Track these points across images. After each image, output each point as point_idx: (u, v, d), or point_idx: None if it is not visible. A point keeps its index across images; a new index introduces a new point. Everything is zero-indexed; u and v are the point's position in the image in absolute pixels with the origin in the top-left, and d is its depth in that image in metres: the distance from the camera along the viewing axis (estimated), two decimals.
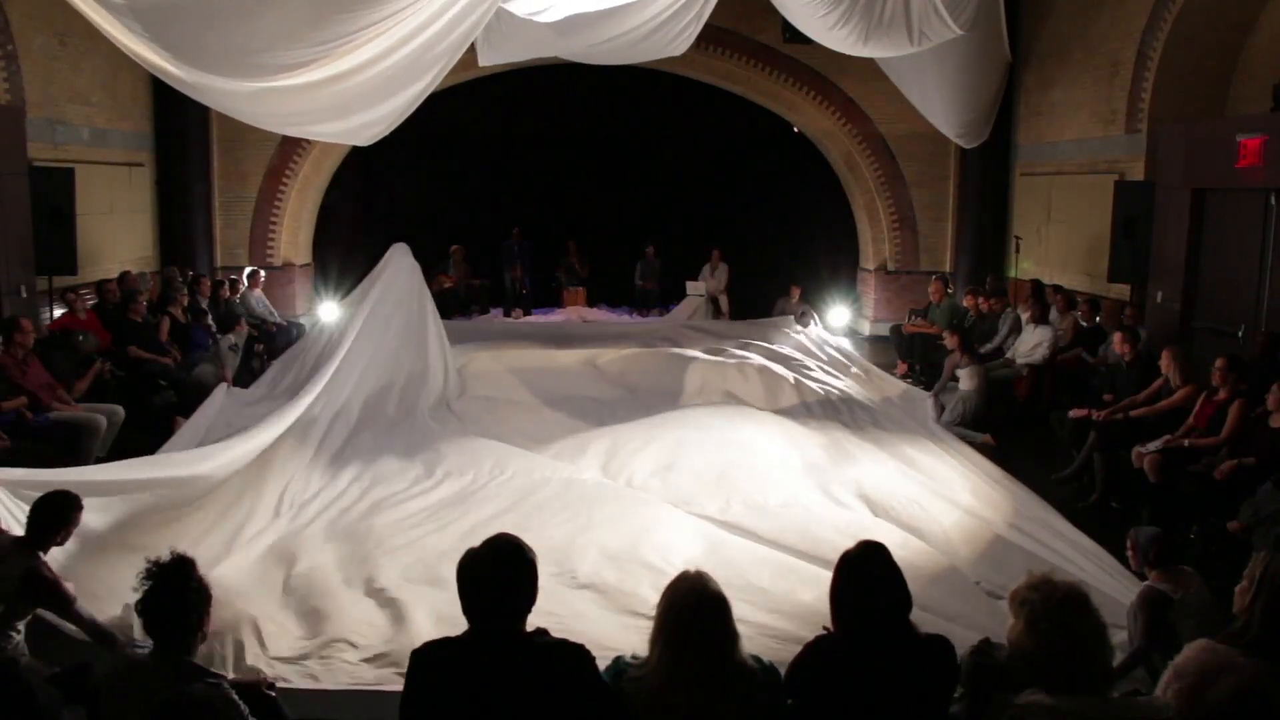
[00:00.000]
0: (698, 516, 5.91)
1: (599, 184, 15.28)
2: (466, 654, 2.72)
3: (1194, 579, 4.04)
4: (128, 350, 8.62)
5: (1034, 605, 2.63)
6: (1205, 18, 8.82)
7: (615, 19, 7.85)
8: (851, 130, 13.42)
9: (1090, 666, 2.56)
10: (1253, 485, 5.37)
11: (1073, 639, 2.56)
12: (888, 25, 8.40)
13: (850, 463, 6.98)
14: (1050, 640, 2.57)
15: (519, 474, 6.58)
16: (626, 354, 10.06)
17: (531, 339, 10.85)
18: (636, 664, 2.88)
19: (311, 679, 4.16)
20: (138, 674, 2.89)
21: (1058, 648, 2.56)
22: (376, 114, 7.02)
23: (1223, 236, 7.96)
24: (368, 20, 5.79)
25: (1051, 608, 2.60)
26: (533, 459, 6.90)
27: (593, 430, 7.55)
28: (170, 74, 5.83)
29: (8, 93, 8.62)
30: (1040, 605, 2.61)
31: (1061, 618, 2.57)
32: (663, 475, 6.61)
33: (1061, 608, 2.59)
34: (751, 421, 7.74)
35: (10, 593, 3.68)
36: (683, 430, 7.38)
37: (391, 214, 14.85)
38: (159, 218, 12.01)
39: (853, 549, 3.00)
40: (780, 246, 14.80)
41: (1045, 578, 2.71)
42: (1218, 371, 6.25)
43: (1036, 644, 2.60)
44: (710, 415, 7.88)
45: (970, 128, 11.78)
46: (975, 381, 8.45)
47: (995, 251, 12.83)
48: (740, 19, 12.41)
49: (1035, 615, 2.61)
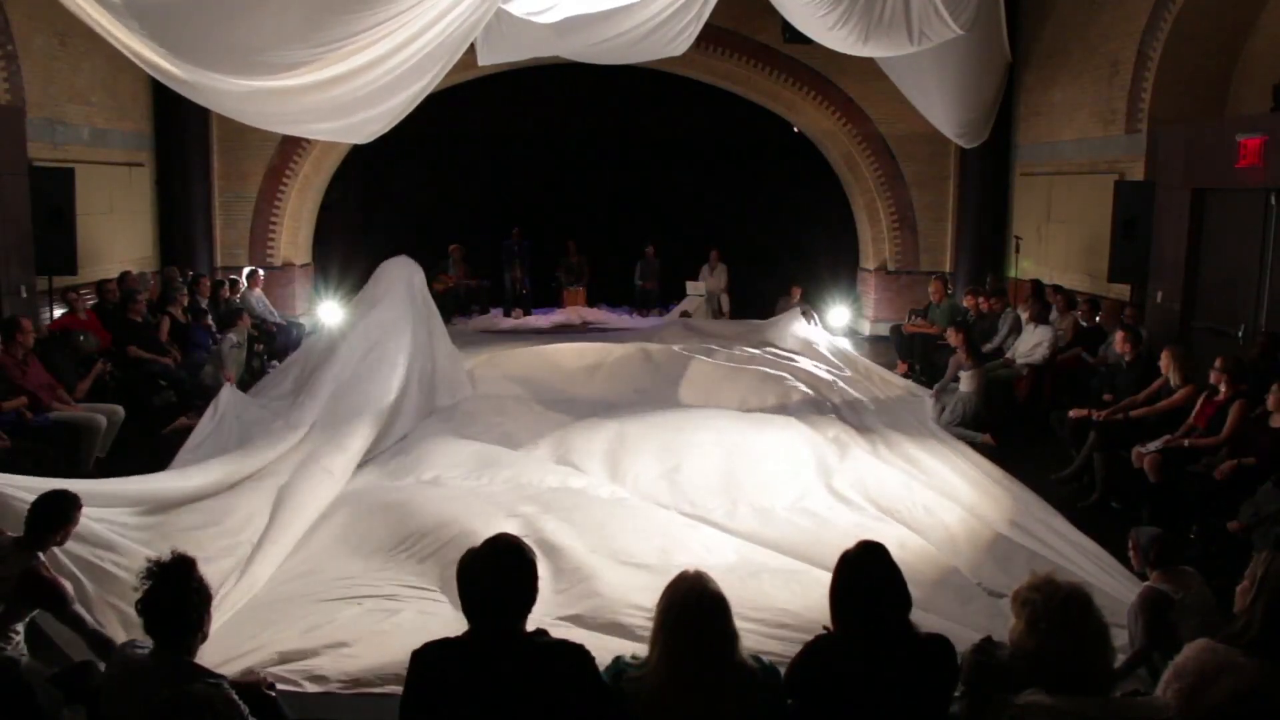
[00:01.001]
0: (707, 522, 5.86)
1: (599, 184, 15.27)
2: (466, 654, 2.72)
3: (1195, 579, 4.04)
4: (128, 350, 8.63)
5: (1036, 605, 2.62)
6: (1205, 18, 8.82)
7: (615, 19, 7.85)
8: (851, 130, 13.42)
9: (1091, 668, 2.55)
10: (1253, 485, 5.37)
11: (1074, 640, 2.56)
12: (888, 25, 8.40)
13: (855, 463, 6.98)
14: (1051, 641, 2.57)
15: (528, 477, 6.57)
16: (631, 355, 10.05)
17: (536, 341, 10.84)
18: (636, 664, 2.88)
19: (312, 679, 4.16)
20: (138, 674, 2.89)
21: (1059, 648, 2.56)
22: (376, 112, 7.02)
23: (1223, 236, 7.96)
24: (368, 22, 5.79)
25: (1053, 608, 2.59)
26: (544, 465, 6.86)
27: (598, 433, 7.48)
28: (169, 74, 5.82)
29: (8, 93, 8.62)
30: (1042, 605, 2.61)
31: (1063, 619, 2.57)
32: (670, 478, 6.58)
33: (1064, 609, 2.59)
34: (755, 423, 7.72)
35: (9, 593, 3.67)
36: (688, 432, 7.36)
37: (391, 214, 14.85)
38: (159, 218, 12.01)
39: (852, 549, 3.00)
40: (780, 246, 14.79)
41: (1048, 578, 2.71)
42: (1217, 371, 6.25)
43: (1038, 644, 2.60)
44: (715, 417, 7.86)
45: (970, 128, 11.78)
46: (975, 383, 8.45)
47: (995, 251, 12.84)
48: (740, 19, 12.41)
49: (1037, 615, 2.61)
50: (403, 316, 8.44)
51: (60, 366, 7.46)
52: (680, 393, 9.03)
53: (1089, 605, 2.62)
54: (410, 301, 8.65)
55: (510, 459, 6.93)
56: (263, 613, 4.71)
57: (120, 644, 3.09)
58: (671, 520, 5.89)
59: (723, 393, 8.90)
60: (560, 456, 7.05)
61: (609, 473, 6.76)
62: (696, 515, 6.02)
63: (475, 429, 7.73)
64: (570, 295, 14.97)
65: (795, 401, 8.82)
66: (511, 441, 7.39)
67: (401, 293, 8.63)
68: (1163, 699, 2.79)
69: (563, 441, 7.31)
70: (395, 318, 8.38)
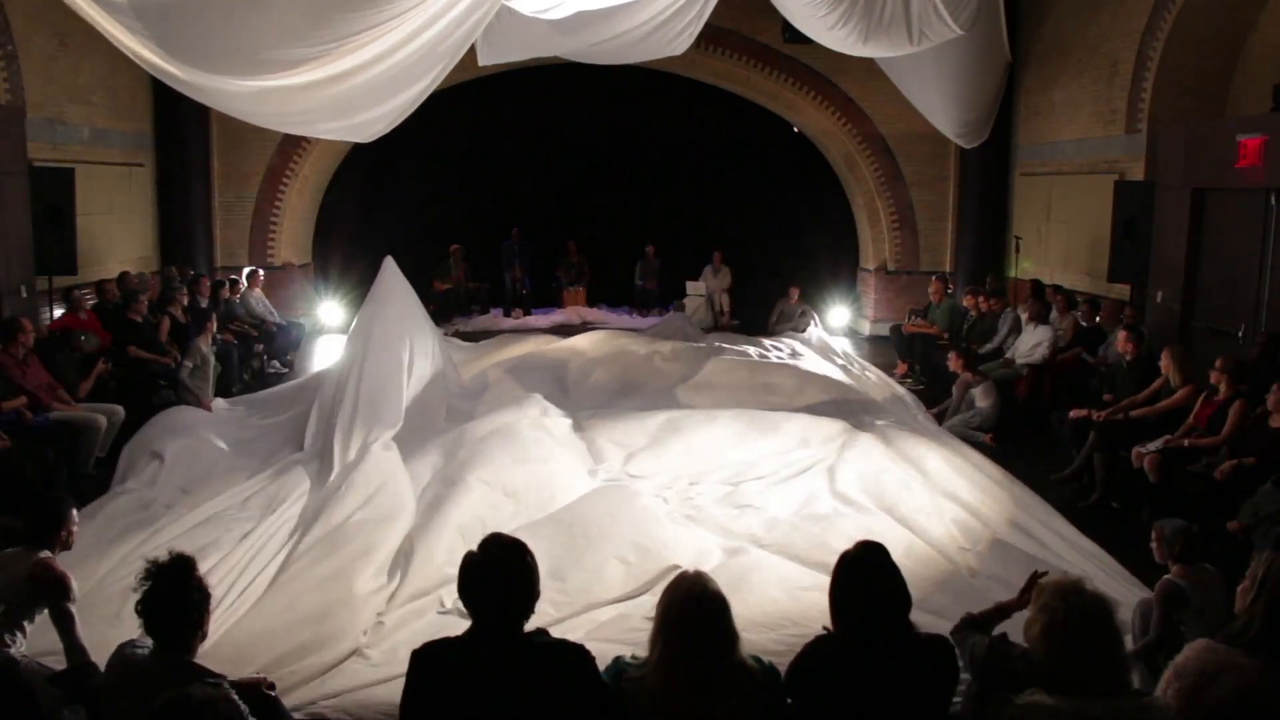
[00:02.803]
0: (711, 530, 5.82)
1: (599, 184, 15.27)
2: (466, 654, 2.72)
3: (1215, 578, 4.01)
4: (128, 350, 8.63)
5: (1056, 612, 2.57)
6: (1205, 18, 8.82)
7: (616, 18, 7.85)
8: (851, 130, 13.42)
9: (1101, 677, 2.52)
10: (1253, 485, 5.37)
11: (1088, 652, 2.52)
12: (888, 25, 8.39)
13: (858, 463, 6.96)
14: (1066, 650, 2.53)
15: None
16: (632, 356, 10.03)
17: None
18: (636, 664, 2.88)
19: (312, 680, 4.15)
20: (138, 674, 2.89)
21: (1072, 658, 2.52)
22: (378, 112, 7.02)
23: (1223, 236, 7.96)
24: (368, 21, 5.78)
25: (1073, 620, 2.54)
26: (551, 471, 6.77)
27: (601, 436, 7.42)
28: (169, 73, 5.82)
29: (8, 93, 8.62)
30: (1063, 614, 2.56)
31: (1081, 631, 2.53)
32: (675, 484, 6.57)
33: (1083, 621, 2.54)
34: (757, 424, 7.66)
35: (18, 594, 3.66)
36: (692, 435, 7.32)
37: (391, 214, 14.84)
38: (159, 218, 12.01)
39: (852, 549, 3.01)
40: (780, 246, 14.80)
41: (1076, 584, 2.65)
42: (1217, 371, 6.25)
43: (1053, 651, 2.57)
44: (718, 419, 7.77)
45: (970, 128, 11.78)
46: (992, 398, 8.42)
47: (995, 251, 12.84)
48: (740, 19, 12.41)
49: (1055, 623, 2.56)
50: (401, 319, 8.43)
51: (60, 366, 7.46)
52: (683, 395, 8.98)
53: (1109, 618, 2.57)
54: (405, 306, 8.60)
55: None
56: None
57: (120, 644, 3.08)
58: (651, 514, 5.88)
59: (727, 395, 8.84)
60: (563, 461, 6.87)
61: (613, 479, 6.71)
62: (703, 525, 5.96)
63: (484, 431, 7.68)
64: (570, 295, 14.98)
65: (800, 402, 8.76)
66: (520, 442, 7.35)
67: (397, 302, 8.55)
68: (1163, 699, 2.79)
69: (568, 446, 7.18)
70: (396, 323, 8.34)
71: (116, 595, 4.67)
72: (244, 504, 6.18)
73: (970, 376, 8.59)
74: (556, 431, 7.32)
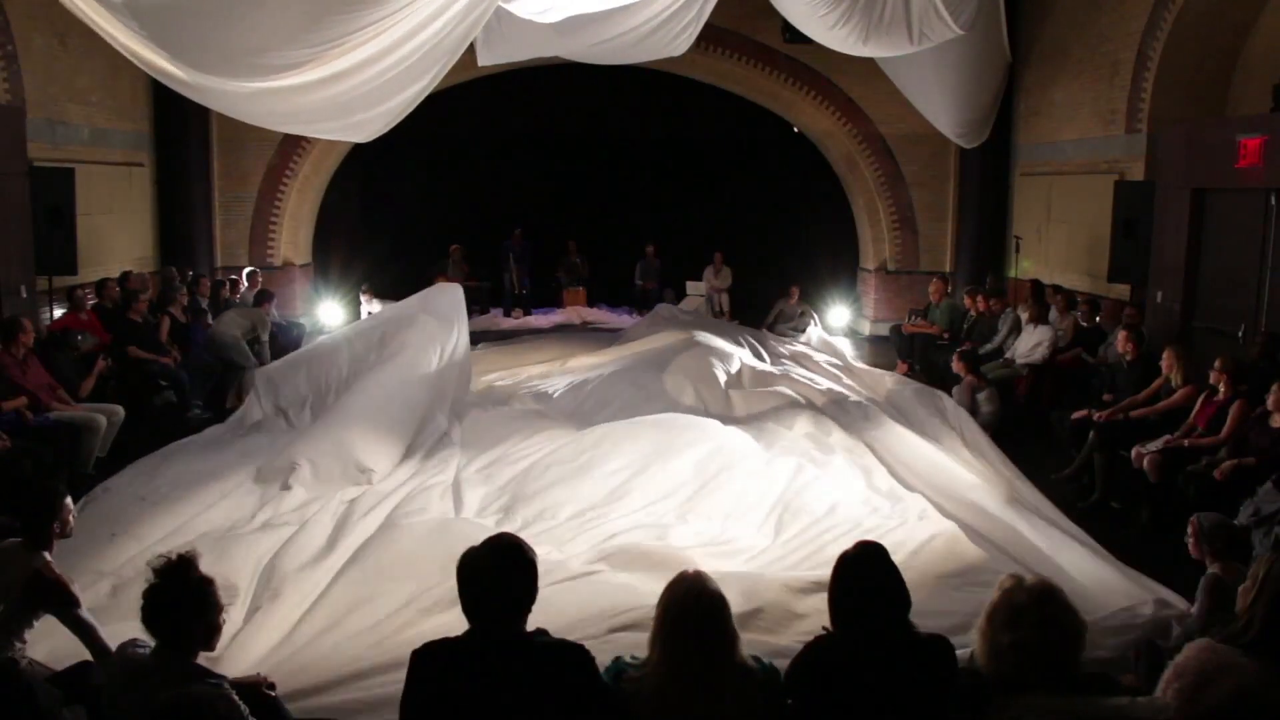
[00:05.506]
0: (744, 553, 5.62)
1: (599, 184, 15.28)
2: (466, 654, 2.72)
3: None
4: (128, 350, 8.62)
5: (1015, 605, 2.57)
6: (1205, 18, 8.82)
7: (615, 19, 7.85)
8: (851, 130, 13.42)
9: (1068, 660, 2.53)
10: (1253, 485, 5.37)
11: (1050, 634, 2.52)
12: (888, 25, 8.39)
13: (869, 463, 6.94)
14: (1034, 636, 2.53)
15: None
16: (631, 358, 10.00)
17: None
18: (636, 664, 2.88)
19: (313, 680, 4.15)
20: (139, 674, 2.89)
21: (1033, 647, 2.52)
22: (376, 112, 7.01)
23: (1223, 236, 7.95)
24: (366, 20, 5.78)
25: (1030, 605, 2.54)
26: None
27: (606, 450, 6.99)
28: (168, 73, 5.81)
29: (8, 93, 8.62)
30: (1022, 604, 2.55)
31: (1040, 613, 2.53)
32: (697, 509, 6.13)
33: (1039, 604, 2.55)
34: (764, 436, 7.45)
35: (16, 597, 3.66)
36: (707, 454, 6.77)
37: (391, 214, 14.86)
38: (159, 218, 12.01)
39: (851, 549, 3.00)
40: (780, 246, 14.80)
41: (1015, 579, 2.66)
42: (1217, 371, 6.25)
43: (1018, 640, 2.56)
44: (723, 434, 7.26)
45: (970, 128, 11.78)
46: (995, 403, 8.43)
47: (995, 251, 12.84)
48: (740, 19, 12.40)
49: (1016, 614, 2.56)
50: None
51: (60, 366, 7.47)
52: (685, 400, 8.84)
53: (1059, 599, 2.57)
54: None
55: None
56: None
57: (121, 644, 3.08)
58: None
59: (728, 396, 8.75)
60: (566, 474, 6.67)
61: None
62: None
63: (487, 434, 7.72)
64: (570, 295, 14.98)
65: (800, 404, 8.67)
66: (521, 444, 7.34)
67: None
68: (1162, 699, 2.79)
69: (570, 458, 6.92)
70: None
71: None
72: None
73: (974, 380, 8.60)
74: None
